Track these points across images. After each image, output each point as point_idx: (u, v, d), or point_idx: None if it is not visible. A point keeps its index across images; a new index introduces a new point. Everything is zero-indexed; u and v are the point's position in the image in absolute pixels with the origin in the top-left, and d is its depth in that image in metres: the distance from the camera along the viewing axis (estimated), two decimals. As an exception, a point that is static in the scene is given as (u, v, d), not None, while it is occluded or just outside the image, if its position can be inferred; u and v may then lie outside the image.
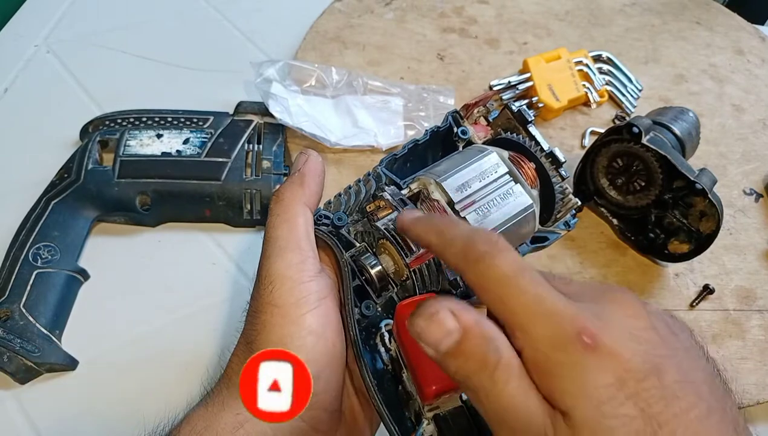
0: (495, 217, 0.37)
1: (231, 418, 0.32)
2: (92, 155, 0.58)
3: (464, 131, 0.43)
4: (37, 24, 0.77)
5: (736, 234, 0.63)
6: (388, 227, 0.36)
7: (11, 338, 0.48)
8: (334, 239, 0.37)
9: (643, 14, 0.86)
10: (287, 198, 0.36)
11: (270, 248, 0.35)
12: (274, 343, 0.32)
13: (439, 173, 0.38)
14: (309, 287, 0.33)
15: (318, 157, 0.39)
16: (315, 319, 0.33)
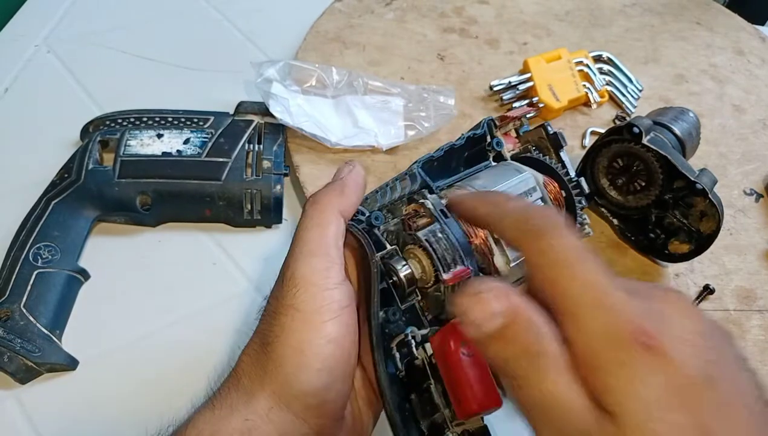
0: None
1: (239, 423, 0.32)
2: (93, 155, 0.58)
3: (499, 143, 0.43)
4: (37, 24, 0.77)
5: (736, 234, 0.63)
6: (429, 237, 0.36)
7: (11, 337, 0.48)
8: (368, 238, 0.37)
9: (643, 14, 0.86)
10: (323, 203, 0.36)
11: (298, 249, 0.34)
12: (293, 348, 0.32)
13: (479, 189, 0.38)
14: (333, 294, 0.33)
15: (362, 171, 0.39)
16: (335, 327, 0.32)
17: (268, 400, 0.32)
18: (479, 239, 0.36)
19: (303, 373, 0.32)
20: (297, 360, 0.32)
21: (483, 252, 0.36)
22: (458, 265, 0.35)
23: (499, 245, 0.36)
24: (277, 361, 0.32)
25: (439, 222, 0.36)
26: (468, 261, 0.35)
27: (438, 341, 0.33)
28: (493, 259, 0.36)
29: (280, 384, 0.32)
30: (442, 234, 0.36)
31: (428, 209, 0.37)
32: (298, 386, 0.32)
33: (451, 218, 0.37)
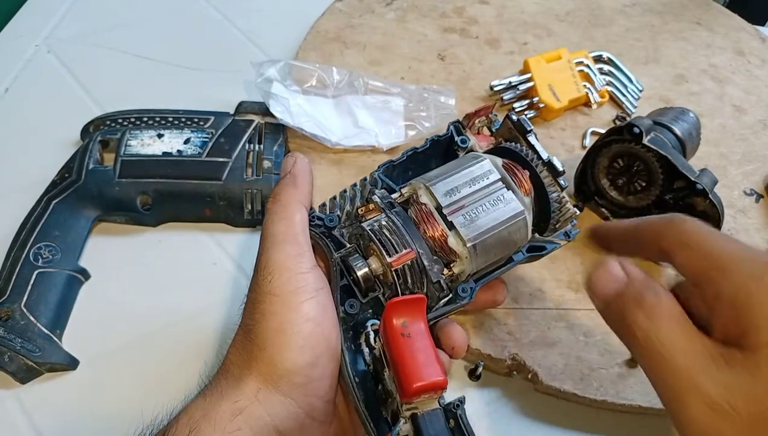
0: (483, 221, 0.38)
1: (229, 406, 0.33)
2: (93, 155, 0.58)
3: (464, 140, 0.44)
4: (37, 24, 0.77)
5: (736, 235, 0.63)
6: (373, 227, 0.37)
7: (12, 337, 0.48)
8: (326, 239, 0.39)
9: (643, 14, 0.86)
10: (284, 197, 0.38)
11: (268, 241, 0.36)
12: (274, 330, 0.33)
13: (429, 178, 0.39)
14: (306, 277, 0.35)
15: (304, 159, 0.41)
16: (312, 307, 0.34)
17: (255, 382, 0.33)
18: (429, 225, 0.37)
19: (286, 351, 0.33)
20: (279, 340, 0.33)
21: (435, 237, 0.37)
22: (403, 248, 0.36)
23: (453, 229, 0.37)
24: (261, 344, 0.33)
25: (385, 212, 0.38)
26: (416, 245, 0.37)
27: (381, 323, 0.34)
28: (447, 241, 0.37)
29: (266, 365, 0.33)
30: (387, 222, 0.37)
31: (376, 203, 0.39)
32: (283, 364, 0.33)
33: (400, 208, 0.38)
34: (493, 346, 0.51)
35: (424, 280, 0.37)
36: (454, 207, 0.38)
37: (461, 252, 0.37)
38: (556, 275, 0.57)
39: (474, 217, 0.38)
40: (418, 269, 0.37)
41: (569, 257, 0.59)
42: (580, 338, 0.53)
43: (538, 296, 0.56)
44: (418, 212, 0.38)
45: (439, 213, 0.38)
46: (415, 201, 0.39)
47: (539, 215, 0.42)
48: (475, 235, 0.37)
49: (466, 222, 0.37)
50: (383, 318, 0.34)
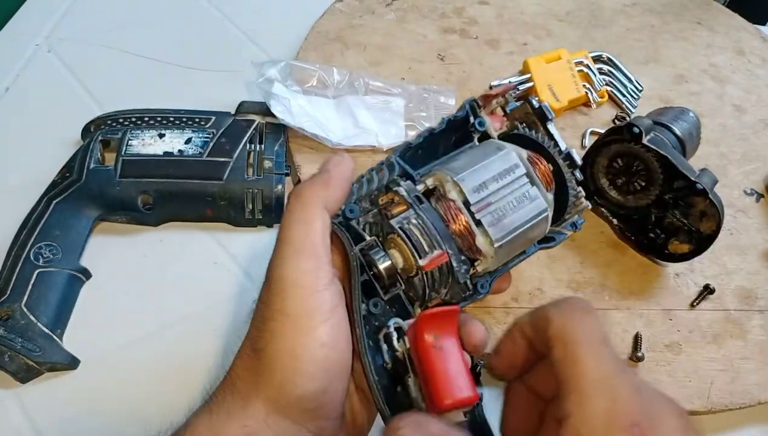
0: (510, 220, 0.36)
1: (238, 430, 0.32)
2: (94, 155, 0.58)
3: (481, 123, 0.41)
4: (38, 23, 0.77)
5: (736, 234, 0.63)
6: (403, 225, 0.35)
7: (12, 337, 0.48)
8: (345, 232, 0.36)
9: (643, 14, 0.86)
10: (307, 197, 0.34)
11: (284, 249, 0.33)
12: (285, 354, 0.31)
13: (456, 171, 0.37)
14: (322, 296, 0.32)
15: (350, 163, 0.37)
16: (327, 330, 0.32)
17: (264, 406, 0.32)
18: (459, 223, 0.36)
19: (297, 379, 0.31)
20: (290, 367, 0.31)
21: (464, 235, 0.36)
22: (435, 249, 0.35)
23: (480, 227, 0.36)
24: (270, 367, 0.32)
25: (413, 208, 0.36)
26: (446, 245, 0.35)
27: (411, 333, 0.33)
28: (475, 240, 0.36)
29: (275, 391, 0.32)
30: (417, 220, 0.35)
31: (402, 196, 0.36)
32: (294, 392, 0.31)
33: (427, 203, 0.36)
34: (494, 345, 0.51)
35: (450, 279, 0.36)
36: (482, 204, 0.36)
37: (487, 252, 0.36)
38: (556, 275, 0.57)
39: (501, 215, 0.36)
40: (446, 270, 0.36)
41: (569, 257, 0.59)
42: (580, 337, 0.53)
43: (538, 296, 0.56)
44: (447, 210, 0.36)
45: (467, 209, 0.36)
46: (441, 196, 0.37)
47: (555, 208, 0.40)
48: (502, 235, 0.36)
49: (494, 221, 0.36)
50: (415, 330, 0.32)
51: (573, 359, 0.28)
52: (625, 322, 0.55)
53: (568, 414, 0.26)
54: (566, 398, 0.27)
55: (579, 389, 0.27)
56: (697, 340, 0.55)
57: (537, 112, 0.41)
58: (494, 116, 0.43)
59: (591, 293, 0.56)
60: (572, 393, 0.27)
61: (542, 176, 0.38)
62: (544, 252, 0.59)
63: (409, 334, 0.33)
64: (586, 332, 0.28)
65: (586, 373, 0.27)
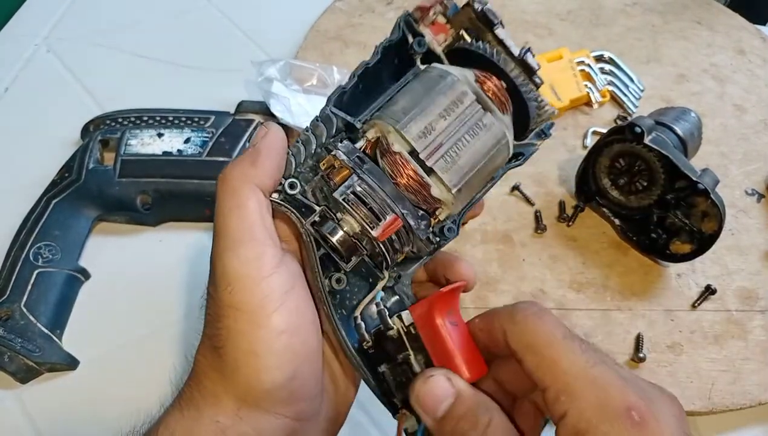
0: (465, 159, 0.33)
1: (211, 425, 0.31)
2: (93, 154, 0.58)
3: (420, 42, 0.36)
4: (37, 23, 0.77)
5: (737, 234, 0.63)
6: (347, 196, 0.32)
7: (12, 337, 0.48)
8: (289, 208, 0.33)
9: (644, 14, 0.86)
10: (234, 179, 0.32)
11: (222, 241, 0.31)
12: (245, 351, 0.30)
13: (397, 116, 0.33)
14: (270, 282, 0.30)
15: (279, 132, 0.34)
16: (283, 317, 0.30)
17: (234, 402, 0.31)
18: (406, 177, 0.32)
19: (262, 375, 0.30)
20: (252, 363, 0.30)
21: (416, 190, 0.32)
22: (387, 215, 0.32)
23: (433, 175, 0.32)
24: (233, 366, 0.31)
25: (355, 172, 0.32)
26: (399, 207, 0.32)
27: (424, 311, 0.32)
28: (430, 191, 0.32)
29: (243, 389, 0.31)
30: (361, 185, 0.32)
31: (342, 161, 0.32)
32: (261, 387, 0.30)
33: (371, 163, 0.32)
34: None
35: (412, 237, 0.33)
36: (432, 148, 0.32)
37: (446, 199, 0.33)
38: (558, 275, 0.57)
39: (455, 156, 0.33)
40: (404, 231, 0.33)
41: (571, 257, 0.59)
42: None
43: (539, 296, 0.55)
44: (393, 164, 0.32)
45: (415, 159, 0.32)
46: (386, 150, 0.33)
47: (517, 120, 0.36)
48: (459, 177, 0.33)
49: (448, 165, 0.32)
50: (431, 305, 0.31)
51: (549, 363, 0.27)
52: (626, 322, 0.55)
53: (563, 414, 0.26)
54: (557, 401, 0.26)
55: (566, 388, 0.26)
56: (698, 340, 0.55)
57: (480, 16, 0.35)
58: (436, 26, 0.36)
59: (593, 293, 0.56)
60: (561, 394, 0.26)
61: (495, 97, 0.34)
62: (546, 253, 0.59)
63: (417, 310, 0.32)
64: (550, 333, 0.28)
65: (567, 371, 0.27)
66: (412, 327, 0.32)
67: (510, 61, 0.35)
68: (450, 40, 0.36)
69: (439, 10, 0.36)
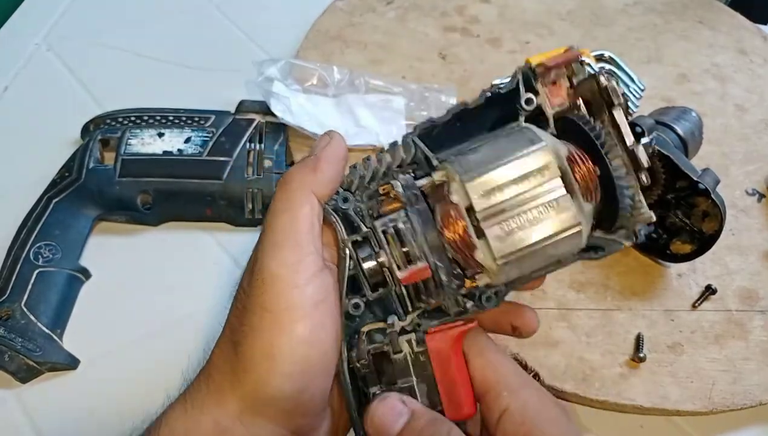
0: (524, 234, 0.30)
1: (211, 425, 0.31)
2: (93, 154, 0.58)
3: (529, 101, 0.33)
4: (37, 22, 0.77)
5: (738, 234, 0.62)
6: (387, 228, 0.31)
7: (12, 337, 0.48)
8: (337, 219, 0.33)
9: (645, 14, 0.86)
10: (293, 183, 0.32)
11: (266, 240, 0.32)
12: (262, 352, 0.30)
13: (467, 166, 0.30)
14: (304, 291, 0.30)
15: (341, 142, 0.34)
16: (307, 327, 0.30)
17: (239, 404, 0.31)
18: (455, 233, 0.30)
19: (273, 379, 0.30)
20: (266, 367, 0.30)
21: (460, 248, 0.30)
22: (420, 261, 0.31)
23: (483, 239, 0.30)
24: (246, 364, 0.31)
25: (405, 208, 0.31)
26: (434, 257, 0.31)
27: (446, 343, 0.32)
28: (474, 254, 0.30)
29: (250, 390, 0.31)
30: (405, 224, 0.31)
31: (397, 193, 0.31)
32: (269, 393, 0.30)
33: (424, 204, 0.31)
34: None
35: (440, 292, 0.32)
36: (491, 212, 0.30)
37: (489, 267, 0.30)
38: (558, 275, 0.57)
39: (514, 228, 0.30)
40: (433, 283, 0.32)
41: (571, 257, 0.59)
42: (581, 338, 0.53)
43: (540, 296, 0.55)
44: (445, 215, 0.30)
45: (470, 218, 0.30)
46: (444, 197, 0.31)
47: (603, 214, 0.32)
48: (509, 251, 0.30)
49: (503, 234, 0.30)
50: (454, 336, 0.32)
51: (495, 364, 0.33)
52: (627, 322, 0.55)
53: (506, 407, 0.31)
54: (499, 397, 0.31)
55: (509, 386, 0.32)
56: (698, 340, 0.54)
57: (602, 91, 0.32)
58: (556, 88, 0.34)
59: (593, 293, 0.56)
60: (504, 390, 0.31)
61: (582, 181, 0.31)
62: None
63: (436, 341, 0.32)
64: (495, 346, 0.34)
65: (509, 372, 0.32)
66: (422, 355, 0.32)
67: (617, 148, 0.31)
68: (567, 105, 0.33)
69: (564, 73, 0.34)
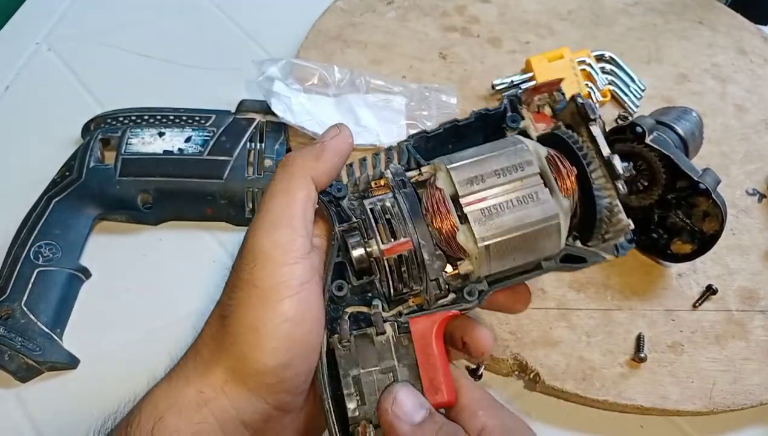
0: (504, 219, 0.33)
1: (194, 395, 0.32)
2: (94, 153, 0.58)
3: (514, 119, 0.37)
4: (38, 22, 0.77)
5: (738, 234, 0.62)
6: (375, 206, 0.33)
7: (12, 336, 0.48)
8: (331, 209, 0.35)
9: (645, 14, 0.86)
10: (295, 167, 0.34)
11: (260, 218, 0.33)
12: (248, 326, 0.31)
13: (454, 160, 0.34)
14: (292, 270, 0.32)
15: (348, 137, 0.36)
16: (293, 305, 0.31)
17: (223, 374, 0.32)
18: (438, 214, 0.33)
19: (257, 352, 0.31)
20: (251, 339, 0.31)
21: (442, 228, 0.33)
22: (401, 236, 0.32)
23: (465, 223, 0.33)
24: (233, 337, 0.32)
25: (393, 191, 0.34)
26: (417, 234, 0.33)
27: (428, 327, 0.33)
28: (456, 236, 0.33)
29: (235, 360, 0.32)
30: (391, 203, 0.33)
31: (386, 178, 0.34)
32: (253, 365, 0.31)
33: (411, 189, 0.34)
34: (495, 346, 0.51)
35: (423, 275, 0.33)
36: (473, 198, 0.33)
37: (471, 250, 0.33)
38: (558, 275, 0.57)
39: (494, 213, 0.32)
40: (416, 263, 0.33)
41: (571, 257, 0.59)
42: (582, 337, 0.53)
43: (540, 296, 0.55)
44: (429, 198, 0.33)
45: (455, 202, 0.33)
46: (430, 184, 0.34)
47: (583, 221, 0.35)
48: (490, 234, 0.32)
49: (483, 218, 0.32)
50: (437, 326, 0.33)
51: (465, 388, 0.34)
52: (627, 322, 0.55)
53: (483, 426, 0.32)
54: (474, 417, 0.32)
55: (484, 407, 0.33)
56: (699, 340, 0.54)
57: (579, 109, 0.36)
58: (540, 115, 0.38)
59: (593, 293, 0.56)
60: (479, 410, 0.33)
61: (560, 179, 0.34)
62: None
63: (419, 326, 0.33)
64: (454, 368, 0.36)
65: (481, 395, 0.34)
66: (405, 338, 0.33)
67: (596, 161, 0.34)
68: (549, 131, 0.37)
69: (546, 100, 0.38)
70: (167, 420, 0.31)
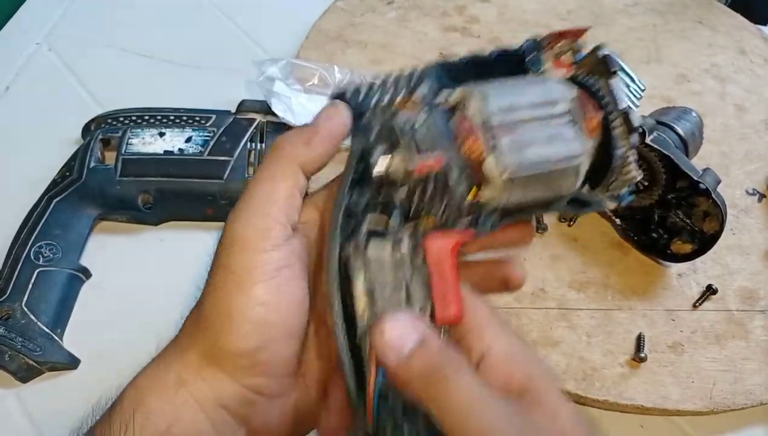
0: (532, 153, 0.32)
1: (174, 378, 0.32)
2: (94, 153, 0.58)
3: (535, 63, 0.36)
4: (38, 22, 0.77)
5: (739, 234, 0.63)
6: (405, 126, 0.32)
7: (12, 336, 0.48)
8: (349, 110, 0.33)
9: (645, 14, 0.86)
10: (283, 154, 0.33)
11: (242, 204, 0.32)
12: (219, 310, 0.31)
13: (484, 88, 0.33)
14: (269, 255, 0.31)
15: (345, 119, 0.33)
16: (267, 290, 0.31)
17: (198, 358, 0.32)
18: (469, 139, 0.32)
19: (228, 336, 0.31)
20: (223, 323, 0.31)
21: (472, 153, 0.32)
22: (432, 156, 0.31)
23: (495, 151, 0.31)
24: (207, 320, 0.32)
25: (424, 110, 0.32)
26: (447, 154, 0.32)
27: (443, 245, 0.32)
28: (484, 163, 0.32)
29: (208, 344, 0.32)
30: (423, 123, 0.32)
31: (417, 97, 0.33)
32: (225, 346, 0.31)
33: (441, 111, 0.33)
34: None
35: (445, 197, 0.32)
36: (505, 128, 0.31)
37: (495, 180, 0.32)
38: (559, 275, 0.57)
39: (524, 144, 0.31)
40: (441, 184, 0.32)
41: (571, 257, 0.59)
42: (582, 337, 0.53)
43: (540, 296, 0.55)
44: (460, 123, 0.32)
45: (485, 131, 0.32)
46: (461, 109, 0.32)
47: (596, 168, 0.35)
48: (516, 165, 0.31)
49: (512, 148, 0.31)
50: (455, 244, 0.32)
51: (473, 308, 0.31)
52: (627, 322, 0.55)
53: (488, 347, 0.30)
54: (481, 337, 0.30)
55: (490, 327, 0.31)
56: (699, 340, 0.55)
57: (601, 61, 0.35)
58: (558, 63, 0.37)
59: (593, 293, 0.56)
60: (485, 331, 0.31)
61: (588, 121, 0.33)
62: (546, 253, 0.59)
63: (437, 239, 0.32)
64: None
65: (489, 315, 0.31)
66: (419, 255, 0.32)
67: (615, 113, 0.34)
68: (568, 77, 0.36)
69: (570, 47, 0.36)
70: (148, 402, 0.32)
